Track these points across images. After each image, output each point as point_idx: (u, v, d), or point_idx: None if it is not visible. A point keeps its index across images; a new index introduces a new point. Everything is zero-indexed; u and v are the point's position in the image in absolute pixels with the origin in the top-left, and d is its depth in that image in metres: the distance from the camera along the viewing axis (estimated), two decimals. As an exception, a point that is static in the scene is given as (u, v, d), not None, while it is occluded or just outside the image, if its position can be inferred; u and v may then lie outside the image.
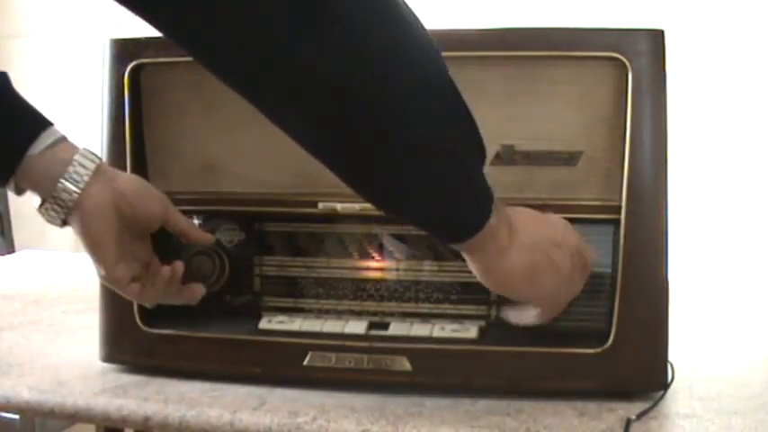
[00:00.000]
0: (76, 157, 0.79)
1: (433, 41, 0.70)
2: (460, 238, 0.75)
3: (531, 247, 0.77)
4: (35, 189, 0.80)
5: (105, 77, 0.92)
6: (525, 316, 0.82)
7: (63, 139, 0.80)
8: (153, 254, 0.86)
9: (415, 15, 0.69)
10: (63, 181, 0.78)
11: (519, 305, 0.83)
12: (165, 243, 0.88)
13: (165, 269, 0.84)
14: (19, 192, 0.81)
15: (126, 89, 0.91)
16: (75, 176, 0.79)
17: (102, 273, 0.82)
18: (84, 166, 0.79)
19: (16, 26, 2.86)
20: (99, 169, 0.80)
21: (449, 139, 0.71)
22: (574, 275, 0.80)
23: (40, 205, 0.80)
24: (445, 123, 0.70)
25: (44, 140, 0.79)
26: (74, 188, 0.79)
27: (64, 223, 0.81)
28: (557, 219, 0.81)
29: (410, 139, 0.68)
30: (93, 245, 0.81)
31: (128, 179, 0.84)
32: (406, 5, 0.69)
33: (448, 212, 0.74)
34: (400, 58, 0.66)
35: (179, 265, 0.85)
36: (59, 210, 0.79)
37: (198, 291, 0.87)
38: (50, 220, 0.80)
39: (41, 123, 0.79)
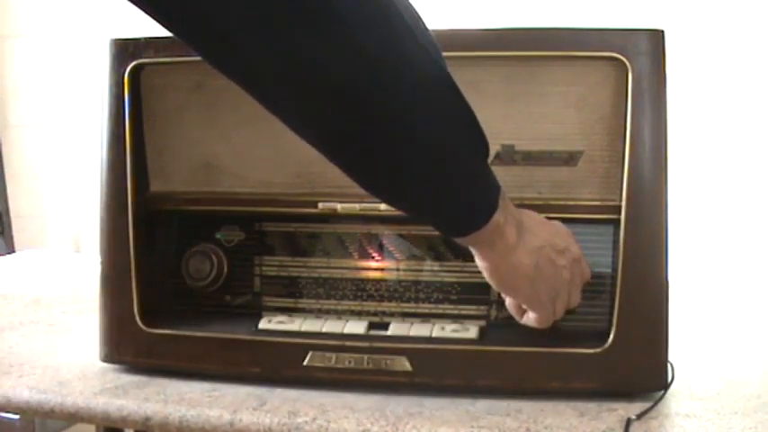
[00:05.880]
0: None
1: (434, 39, 0.70)
2: (464, 231, 0.75)
3: (538, 250, 0.78)
4: None
5: (105, 77, 0.92)
6: (525, 317, 0.83)
7: None
8: None
9: (416, 13, 0.70)
10: None
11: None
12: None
13: None
14: None
15: (126, 89, 0.91)
16: None
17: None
18: None
19: (15, 26, 2.86)
20: None
21: (449, 135, 0.71)
22: (571, 284, 0.81)
23: None
24: (445, 119, 0.70)
25: None
26: None
27: None
28: (562, 226, 0.82)
29: (411, 134, 0.68)
30: None
31: None
32: (409, 5, 0.69)
33: (451, 206, 0.74)
34: (400, 55, 0.66)
35: None
36: None
37: None
38: None
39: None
